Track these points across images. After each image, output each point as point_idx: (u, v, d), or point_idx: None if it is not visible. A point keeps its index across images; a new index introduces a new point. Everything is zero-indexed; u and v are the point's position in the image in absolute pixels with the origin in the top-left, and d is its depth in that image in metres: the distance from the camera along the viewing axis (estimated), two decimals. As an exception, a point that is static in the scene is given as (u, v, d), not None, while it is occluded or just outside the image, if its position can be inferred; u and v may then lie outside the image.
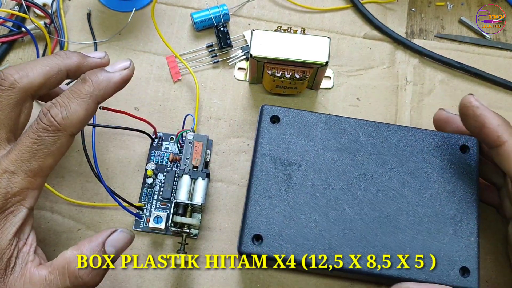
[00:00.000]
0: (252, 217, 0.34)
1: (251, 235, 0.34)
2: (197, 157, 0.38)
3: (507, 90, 0.47)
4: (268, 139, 0.36)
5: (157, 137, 0.43)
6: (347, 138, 0.36)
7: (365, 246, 0.34)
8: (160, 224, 0.38)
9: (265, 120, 0.37)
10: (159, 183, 0.41)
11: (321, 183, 0.35)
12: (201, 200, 0.37)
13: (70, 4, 0.48)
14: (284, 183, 0.35)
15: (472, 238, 0.34)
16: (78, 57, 0.35)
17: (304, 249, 0.33)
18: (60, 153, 0.32)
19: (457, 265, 0.33)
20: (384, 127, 0.37)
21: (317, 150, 0.36)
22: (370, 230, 0.34)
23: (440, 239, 0.34)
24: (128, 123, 0.42)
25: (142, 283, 0.39)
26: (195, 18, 0.46)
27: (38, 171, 0.31)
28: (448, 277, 0.33)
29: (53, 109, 0.32)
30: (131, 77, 0.36)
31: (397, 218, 0.34)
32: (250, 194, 0.35)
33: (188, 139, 0.39)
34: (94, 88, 0.33)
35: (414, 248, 0.34)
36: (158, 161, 0.42)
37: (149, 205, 0.41)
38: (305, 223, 0.34)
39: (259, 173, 0.35)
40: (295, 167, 0.36)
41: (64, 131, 0.32)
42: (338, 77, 0.46)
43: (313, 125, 0.37)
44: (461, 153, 0.36)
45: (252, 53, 0.40)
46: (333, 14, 0.49)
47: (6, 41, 0.45)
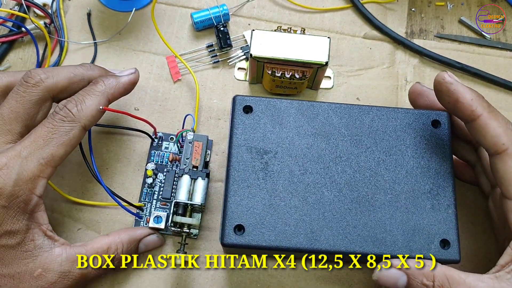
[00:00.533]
0: (232, 207, 0.34)
1: (232, 226, 0.34)
2: (197, 157, 0.38)
3: (507, 90, 0.47)
4: (242, 129, 0.36)
5: (157, 137, 0.43)
6: (320, 122, 0.37)
7: (345, 227, 0.34)
8: (160, 224, 0.38)
9: (238, 111, 0.37)
10: (159, 183, 0.41)
11: (298, 169, 0.35)
12: (201, 200, 0.37)
13: (70, 4, 0.48)
14: (261, 171, 0.35)
15: (449, 211, 0.35)
16: (101, 71, 0.39)
17: (286, 235, 0.34)
18: (71, 145, 0.34)
19: (437, 238, 0.34)
20: (356, 108, 0.37)
21: (291, 136, 0.36)
22: (349, 211, 0.34)
23: (419, 214, 0.35)
24: (128, 123, 0.42)
25: (142, 283, 0.39)
26: (195, 18, 0.46)
27: (50, 159, 0.33)
28: (429, 251, 0.34)
29: (69, 103, 0.35)
30: (137, 82, 0.39)
31: (375, 197, 0.35)
32: (229, 185, 0.35)
33: (188, 139, 0.39)
34: (105, 87, 0.37)
35: (393, 225, 0.34)
36: (158, 161, 0.42)
37: (149, 205, 0.41)
38: (285, 210, 0.34)
39: (235, 163, 0.35)
40: (271, 155, 0.36)
41: (79, 122, 0.34)
42: (338, 77, 0.46)
43: (286, 112, 0.37)
44: (433, 128, 0.37)
45: (252, 53, 0.40)
46: (333, 14, 0.49)
47: (6, 41, 0.45)
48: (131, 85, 0.39)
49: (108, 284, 0.39)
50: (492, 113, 0.33)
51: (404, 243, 0.34)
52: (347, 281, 0.39)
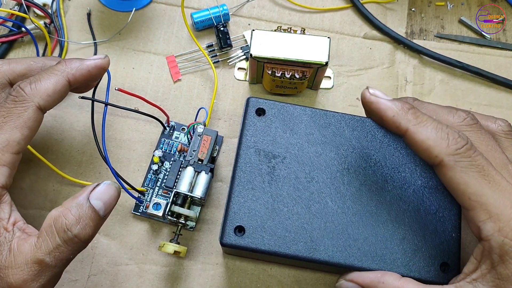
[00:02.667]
0: (234, 208, 0.34)
1: (233, 227, 0.34)
2: (203, 150, 0.38)
3: (508, 89, 0.47)
4: (253, 131, 0.36)
5: (169, 126, 0.43)
6: (331, 132, 0.36)
7: (346, 239, 0.34)
8: (159, 211, 0.38)
9: (251, 112, 0.37)
10: (164, 170, 0.42)
11: (305, 176, 0.35)
12: (201, 193, 0.38)
13: (70, 4, 0.48)
14: (267, 175, 0.35)
15: (453, 234, 0.34)
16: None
17: (286, 241, 0.33)
18: (28, 127, 0.32)
19: (438, 261, 0.33)
20: (369, 122, 0.37)
21: (301, 143, 0.36)
22: (351, 223, 0.34)
23: (422, 235, 0.34)
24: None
25: (142, 283, 0.39)
26: (195, 18, 0.46)
27: (5, 145, 0.31)
28: (429, 272, 0.33)
29: (23, 82, 0.33)
30: (105, 67, 0.37)
31: (379, 212, 0.34)
32: (234, 185, 0.35)
33: (197, 132, 0.39)
34: (66, 67, 0.34)
35: (395, 242, 0.34)
36: (167, 150, 0.42)
37: (151, 191, 0.41)
38: (287, 215, 0.34)
39: (243, 165, 0.35)
40: (279, 159, 0.36)
41: (31, 101, 0.32)
42: (338, 77, 0.46)
43: (298, 118, 0.37)
44: None
45: (252, 53, 0.40)
46: (333, 14, 0.49)
47: (6, 41, 0.45)
48: (96, 69, 0.36)
49: (108, 284, 0.39)
50: (418, 125, 0.32)
51: (403, 262, 0.33)
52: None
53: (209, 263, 0.40)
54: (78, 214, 0.31)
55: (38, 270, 0.30)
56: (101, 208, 0.31)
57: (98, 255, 0.40)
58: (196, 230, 0.41)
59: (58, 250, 0.30)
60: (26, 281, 0.29)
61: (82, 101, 0.38)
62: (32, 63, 0.36)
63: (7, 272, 0.29)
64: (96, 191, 0.32)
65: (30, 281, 0.29)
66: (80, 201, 0.31)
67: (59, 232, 0.30)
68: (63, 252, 0.30)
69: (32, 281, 0.29)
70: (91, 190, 0.32)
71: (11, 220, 0.31)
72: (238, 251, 0.37)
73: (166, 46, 0.47)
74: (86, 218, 0.31)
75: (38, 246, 0.30)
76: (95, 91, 0.37)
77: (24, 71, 0.36)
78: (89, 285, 0.39)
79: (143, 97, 0.40)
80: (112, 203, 0.32)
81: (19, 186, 0.41)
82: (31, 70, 0.36)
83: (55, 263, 0.30)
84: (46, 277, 0.30)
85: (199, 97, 0.45)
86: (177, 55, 0.46)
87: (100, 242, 0.40)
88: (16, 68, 0.35)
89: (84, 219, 0.31)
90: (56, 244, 0.30)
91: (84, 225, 0.31)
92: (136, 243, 0.40)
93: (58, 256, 0.30)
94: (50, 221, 0.31)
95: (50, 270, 0.30)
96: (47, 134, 0.43)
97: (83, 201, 0.31)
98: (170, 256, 0.40)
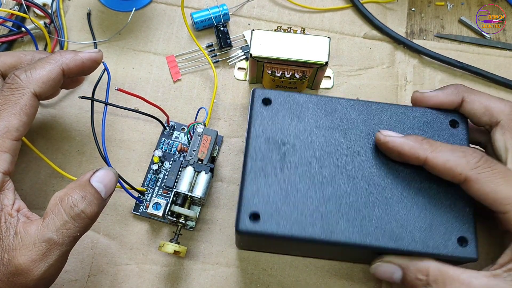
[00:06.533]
0: (248, 195, 0.34)
1: (248, 213, 0.33)
2: (203, 150, 0.38)
3: (507, 89, 0.47)
4: (260, 121, 0.36)
5: (169, 125, 0.43)
6: (338, 117, 0.37)
7: (362, 219, 0.34)
8: (159, 211, 0.38)
9: (257, 102, 0.37)
10: (164, 170, 0.42)
11: (316, 161, 0.35)
12: (201, 193, 0.38)
13: (70, 4, 0.48)
14: (278, 162, 0.35)
15: (467, 209, 0.34)
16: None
17: (302, 224, 0.33)
18: (25, 114, 0.33)
19: (455, 235, 0.34)
20: (375, 105, 0.37)
21: (309, 129, 0.36)
22: (366, 204, 0.34)
23: (436, 211, 0.34)
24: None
25: (142, 283, 0.39)
26: (195, 18, 0.46)
27: (5, 131, 0.32)
28: (446, 248, 0.33)
29: (19, 70, 0.34)
30: (99, 61, 0.38)
31: (392, 191, 0.35)
32: (246, 173, 0.35)
33: (197, 131, 0.39)
34: (60, 56, 0.36)
35: (410, 220, 0.34)
36: (167, 149, 0.42)
37: (151, 191, 0.41)
38: (301, 200, 0.34)
39: (253, 153, 0.35)
40: (289, 146, 0.36)
41: (27, 88, 0.33)
42: (338, 77, 0.46)
43: (305, 105, 0.37)
44: (451, 128, 0.37)
45: (252, 53, 0.40)
46: (333, 14, 0.49)
47: (6, 41, 0.45)
48: (90, 62, 0.37)
49: (108, 284, 0.39)
50: (435, 151, 0.33)
51: (421, 238, 0.33)
52: (347, 280, 0.39)
53: (209, 263, 0.40)
54: (82, 193, 0.32)
55: (46, 249, 0.30)
56: (102, 190, 0.33)
57: (98, 255, 0.40)
58: (196, 230, 0.41)
59: (66, 227, 0.30)
60: (34, 261, 0.30)
61: (82, 101, 0.38)
62: (22, 55, 0.37)
63: (14, 254, 0.30)
64: (97, 174, 0.33)
65: (38, 261, 0.30)
66: (82, 183, 0.32)
67: (65, 209, 0.31)
68: (70, 228, 0.31)
69: (40, 260, 0.30)
70: (91, 174, 0.33)
71: (15, 207, 0.32)
72: (252, 242, 0.37)
73: (166, 46, 0.47)
74: (90, 196, 0.32)
75: (45, 225, 0.30)
76: (94, 91, 0.37)
77: (15, 63, 0.37)
78: (89, 285, 0.39)
79: (143, 97, 0.40)
80: (111, 187, 0.34)
81: (19, 187, 0.41)
82: (21, 62, 0.37)
83: (63, 241, 0.30)
84: (54, 256, 0.30)
85: (199, 97, 0.45)
86: (177, 55, 0.46)
87: (100, 242, 0.40)
88: (7, 60, 0.36)
89: (89, 197, 0.32)
90: (64, 220, 0.31)
91: (89, 202, 0.32)
92: (136, 243, 0.40)
93: (66, 233, 0.30)
94: (56, 200, 0.31)
95: (58, 249, 0.30)
96: (47, 134, 0.43)
97: (85, 183, 0.32)
98: (170, 256, 0.40)
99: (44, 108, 0.44)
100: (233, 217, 0.41)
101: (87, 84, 0.44)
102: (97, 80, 0.37)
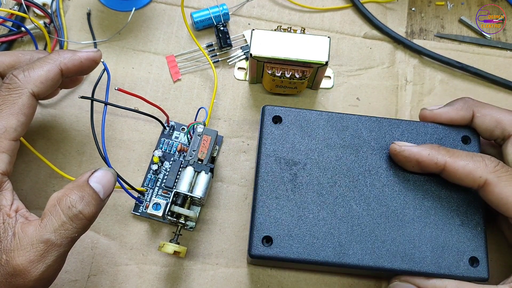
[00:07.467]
0: (260, 219, 0.34)
1: (260, 237, 0.34)
2: (203, 150, 0.38)
3: (507, 89, 0.47)
4: (271, 140, 0.36)
5: (169, 125, 0.43)
6: (349, 134, 0.37)
7: (374, 241, 0.34)
8: (158, 211, 0.38)
9: (267, 121, 0.37)
10: (164, 170, 0.42)
11: (327, 181, 0.35)
12: (201, 193, 0.38)
13: (70, 3, 0.48)
14: (290, 183, 0.35)
15: (479, 228, 0.34)
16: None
17: (314, 248, 0.33)
18: (23, 114, 0.33)
19: (466, 256, 0.34)
20: (386, 122, 0.37)
21: (321, 148, 0.36)
22: (378, 225, 0.34)
23: (448, 231, 0.34)
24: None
25: (142, 283, 0.39)
26: (195, 17, 0.46)
27: (3, 131, 0.32)
28: (458, 268, 0.33)
29: (17, 70, 0.34)
30: (98, 60, 0.37)
31: (404, 212, 0.35)
32: (257, 196, 0.35)
33: (197, 131, 0.39)
34: (59, 56, 0.35)
35: (422, 241, 0.34)
36: (167, 150, 0.42)
37: (150, 191, 0.41)
38: (313, 222, 0.34)
39: (264, 174, 0.35)
40: (300, 166, 0.36)
41: (25, 88, 0.33)
42: (338, 77, 0.46)
43: (315, 123, 0.37)
44: (463, 144, 0.37)
45: (252, 53, 0.40)
46: (333, 13, 0.49)
47: (6, 41, 0.45)
48: (89, 61, 0.37)
49: (108, 284, 0.39)
50: (454, 157, 0.34)
51: (433, 259, 0.33)
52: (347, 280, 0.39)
53: (209, 263, 0.40)
54: (81, 194, 0.31)
55: (44, 249, 0.30)
56: (101, 191, 0.32)
57: (98, 255, 0.39)
58: (196, 230, 0.41)
59: (64, 228, 0.30)
60: (32, 262, 0.29)
61: (82, 101, 0.38)
62: (20, 55, 0.37)
63: (12, 255, 0.29)
64: (95, 175, 0.33)
65: (36, 262, 0.29)
66: (80, 183, 0.32)
67: (63, 210, 0.31)
68: (68, 229, 0.30)
69: (38, 261, 0.30)
70: (89, 175, 0.33)
71: (13, 207, 0.32)
72: (266, 261, 0.37)
73: (166, 46, 0.47)
74: (88, 197, 0.32)
75: (43, 226, 0.30)
76: (94, 91, 0.37)
77: (13, 63, 0.37)
78: (89, 285, 0.39)
79: (143, 97, 0.40)
80: (110, 187, 0.33)
81: (19, 187, 0.41)
82: (19, 62, 0.37)
83: (61, 242, 0.30)
84: (52, 257, 0.30)
85: (199, 97, 0.45)
86: (177, 55, 0.46)
87: (100, 242, 0.40)
88: (5, 60, 0.36)
89: (87, 198, 0.31)
90: (62, 221, 0.30)
91: (87, 203, 0.31)
92: (136, 243, 0.40)
93: (64, 234, 0.30)
94: (54, 201, 0.31)
95: (56, 250, 0.30)
96: (47, 134, 0.43)
97: (83, 184, 0.32)
98: (170, 256, 0.40)
99: (44, 108, 0.43)
100: (233, 217, 0.41)
101: (87, 84, 0.44)
102: (96, 80, 0.37)
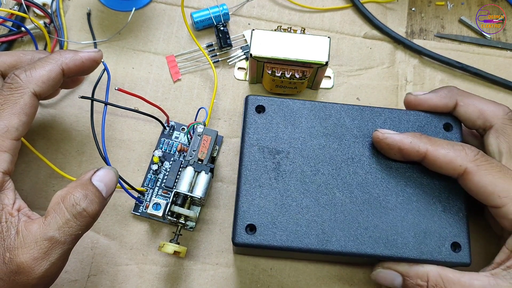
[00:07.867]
0: (244, 207, 0.34)
1: (244, 225, 0.34)
2: (203, 150, 0.38)
3: (507, 90, 0.47)
4: (254, 129, 0.36)
5: (169, 125, 0.43)
6: (332, 123, 0.37)
7: (357, 228, 0.34)
8: (158, 211, 0.38)
9: (251, 110, 0.37)
10: (164, 170, 0.42)
11: (310, 169, 0.35)
12: (201, 193, 0.38)
13: (70, 3, 0.48)
14: (273, 171, 0.35)
15: (460, 214, 0.35)
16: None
17: (298, 235, 0.34)
18: (25, 113, 0.33)
19: (448, 241, 0.34)
20: (369, 110, 0.37)
21: (304, 137, 0.36)
22: (361, 212, 0.34)
23: (430, 217, 0.35)
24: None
25: (142, 283, 0.39)
26: (195, 17, 0.46)
27: (5, 131, 0.32)
28: (440, 253, 0.34)
29: (18, 70, 0.34)
30: (99, 60, 0.38)
31: (386, 198, 0.35)
32: (241, 184, 0.35)
33: (197, 131, 0.39)
34: (60, 56, 0.36)
35: (405, 227, 0.34)
36: (167, 150, 0.42)
37: (151, 191, 0.41)
38: (297, 210, 0.34)
39: (248, 163, 0.35)
40: (284, 155, 0.36)
41: (27, 87, 0.33)
42: (338, 77, 0.46)
43: (299, 112, 0.37)
44: (445, 131, 0.37)
45: (252, 53, 0.40)
46: (333, 13, 0.49)
47: (6, 41, 0.45)
48: (90, 61, 0.37)
49: (108, 284, 0.39)
50: (435, 145, 0.34)
51: (415, 245, 0.34)
52: (347, 281, 0.39)
53: (209, 263, 0.40)
54: (84, 192, 0.32)
55: (48, 247, 0.30)
56: (103, 189, 0.33)
57: (98, 255, 0.39)
58: (196, 230, 0.41)
59: (68, 225, 0.31)
60: (36, 259, 0.30)
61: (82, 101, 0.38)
62: (22, 55, 0.37)
63: (16, 253, 0.30)
64: (97, 174, 0.33)
65: (40, 259, 0.30)
66: (84, 182, 0.32)
67: (67, 207, 0.31)
68: (72, 227, 0.31)
69: (42, 259, 0.30)
70: (92, 173, 0.33)
71: (15, 206, 0.32)
72: (249, 250, 0.38)
73: (166, 46, 0.47)
74: (92, 195, 0.32)
75: (47, 224, 0.30)
76: (94, 91, 0.37)
77: (15, 63, 0.37)
78: (89, 285, 0.39)
79: (143, 97, 0.40)
80: (112, 186, 0.34)
81: (19, 187, 0.41)
82: (21, 62, 0.37)
83: (65, 239, 0.30)
84: (56, 255, 0.30)
85: (199, 97, 0.45)
86: (177, 54, 0.46)
87: (100, 242, 0.40)
88: (7, 60, 0.36)
89: (90, 196, 0.32)
90: (66, 219, 0.31)
91: (91, 201, 0.32)
92: (136, 243, 0.40)
93: (68, 231, 0.30)
94: (58, 199, 0.31)
95: (60, 247, 0.30)
96: (47, 134, 0.43)
97: (86, 182, 0.32)
98: (170, 256, 0.40)
99: (44, 108, 0.43)
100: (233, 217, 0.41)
101: (87, 84, 0.44)
102: (97, 80, 0.37)
